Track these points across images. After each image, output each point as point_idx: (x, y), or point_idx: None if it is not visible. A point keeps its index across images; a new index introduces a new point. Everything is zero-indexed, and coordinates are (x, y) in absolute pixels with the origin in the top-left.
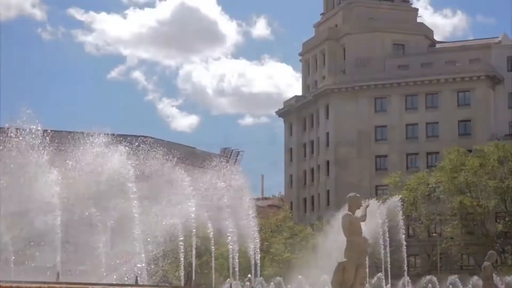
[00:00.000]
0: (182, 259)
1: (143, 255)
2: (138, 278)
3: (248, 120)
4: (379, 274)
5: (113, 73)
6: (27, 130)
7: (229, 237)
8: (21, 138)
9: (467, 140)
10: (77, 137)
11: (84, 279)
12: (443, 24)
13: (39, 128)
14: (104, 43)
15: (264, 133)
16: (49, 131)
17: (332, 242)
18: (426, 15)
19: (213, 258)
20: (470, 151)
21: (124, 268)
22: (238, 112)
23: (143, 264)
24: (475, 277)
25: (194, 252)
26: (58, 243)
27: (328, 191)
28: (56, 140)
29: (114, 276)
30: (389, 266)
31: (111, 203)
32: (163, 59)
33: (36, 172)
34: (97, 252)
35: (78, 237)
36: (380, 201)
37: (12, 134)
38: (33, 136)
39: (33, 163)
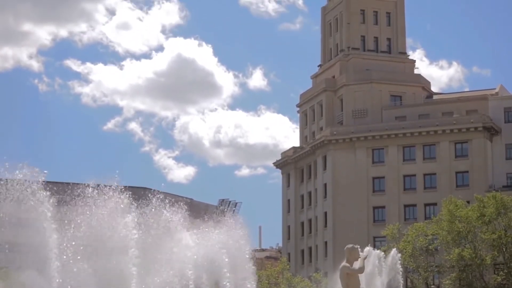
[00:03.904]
0: None
1: None
2: None
3: (245, 171)
4: None
5: (110, 125)
6: (28, 181)
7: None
8: (23, 189)
9: (465, 191)
10: (75, 188)
11: None
12: (439, 76)
13: (40, 179)
14: (101, 94)
15: (261, 185)
16: (47, 182)
17: None
18: (422, 67)
19: None
20: (468, 202)
21: None
22: (235, 164)
23: None
24: None
25: None
26: None
27: (325, 243)
28: (56, 192)
29: None
30: None
31: (110, 258)
32: (159, 111)
33: (38, 224)
34: None
35: None
36: (381, 251)
37: (13, 186)
38: (34, 188)
39: (35, 215)
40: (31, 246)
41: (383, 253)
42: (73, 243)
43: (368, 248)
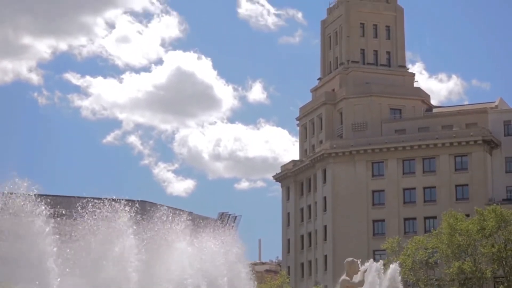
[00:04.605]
0: None
1: None
2: None
3: (244, 185)
4: None
5: (109, 138)
6: (23, 194)
7: None
8: (19, 203)
9: (465, 205)
10: (74, 201)
11: None
12: (438, 89)
13: (35, 192)
14: (100, 108)
15: (261, 198)
16: (44, 195)
17: None
18: (422, 80)
19: None
20: (468, 215)
21: None
22: (234, 177)
23: None
24: None
25: None
26: None
27: (325, 256)
28: (53, 204)
29: None
30: None
31: (109, 271)
32: (159, 124)
33: (34, 238)
34: None
35: None
36: (381, 263)
37: (7, 199)
38: (30, 200)
39: (32, 229)
40: (29, 260)
41: (381, 262)
42: (71, 256)
43: (369, 263)
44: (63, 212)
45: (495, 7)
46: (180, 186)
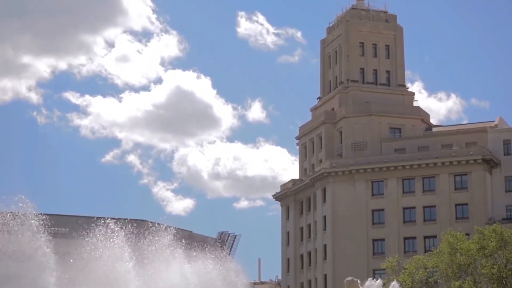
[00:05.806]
0: None
1: None
2: None
3: (244, 204)
4: None
5: (108, 157)
6: (24, 214)
7: None
8: (18, 222)
9: (465, 224)
10: (74, 221)
11: None
12: (437, 108)
13: (35, 212)
14: (100, 127)
15: (260, 217)
16: (43, 214)
17: None
18: (421, 99)
19: None
20: (467, 234)
21: None
22: (234, 196)
23: None
24: None
25: None
26: None
27: (325, 275)
28: (52, 224)
29: None
30: None
31: None
32: (158, 143)
33: (33, 257)
34: None
35: None
36: (380, 281)
37: (8, 218)
38: (30, 220)
39: (32, 247)
40: (28, 279)
41: (380, 280)
42: (69, 274)
43: (368, 282)
44: (62, 231)
45: (494, 27)
46: (179, 205)
